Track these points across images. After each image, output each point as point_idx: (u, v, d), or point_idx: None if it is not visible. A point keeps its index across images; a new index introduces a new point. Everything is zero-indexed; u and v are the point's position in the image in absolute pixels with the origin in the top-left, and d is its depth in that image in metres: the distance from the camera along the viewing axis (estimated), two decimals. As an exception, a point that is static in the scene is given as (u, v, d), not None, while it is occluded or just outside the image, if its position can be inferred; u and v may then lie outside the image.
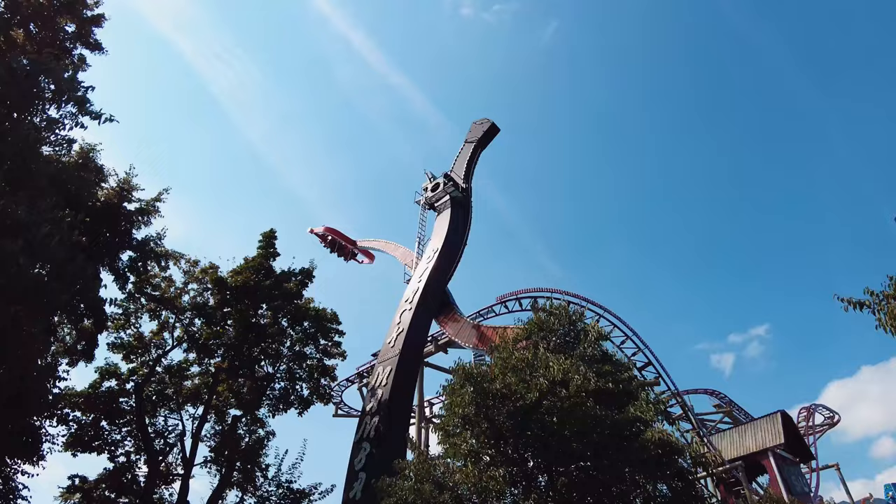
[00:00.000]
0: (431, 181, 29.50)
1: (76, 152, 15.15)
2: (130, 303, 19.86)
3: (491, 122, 30.42)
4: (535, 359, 12.16)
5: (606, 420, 10.96)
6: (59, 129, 11.23)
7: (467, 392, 11.44)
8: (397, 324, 22.00)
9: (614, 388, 12.03)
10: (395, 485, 11.46)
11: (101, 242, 16.09)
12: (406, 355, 20.38)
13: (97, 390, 18.90)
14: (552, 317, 15.14)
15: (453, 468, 11.41)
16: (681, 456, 11.67)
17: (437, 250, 24.51)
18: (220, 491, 19.11)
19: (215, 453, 19.71)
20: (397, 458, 12.77)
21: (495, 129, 30.30)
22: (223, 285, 20.81)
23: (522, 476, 11.18)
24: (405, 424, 19.84)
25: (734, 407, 46.75)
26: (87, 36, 14.91)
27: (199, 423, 19.76)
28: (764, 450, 34.29)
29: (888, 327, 8.60)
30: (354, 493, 16.92)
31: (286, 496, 19.41)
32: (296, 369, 21.26)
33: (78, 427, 18.20)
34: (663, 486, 11.48)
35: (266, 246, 22.34)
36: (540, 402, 11.04)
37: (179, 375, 20.71)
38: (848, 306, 9.06)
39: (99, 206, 15.83)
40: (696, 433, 36.34)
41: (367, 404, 19.76)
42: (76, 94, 11.08)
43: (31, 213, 9.04)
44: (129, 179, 16.85)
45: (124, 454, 19.01)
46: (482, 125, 30.70)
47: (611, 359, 14.03)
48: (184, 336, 20.63)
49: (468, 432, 11.38)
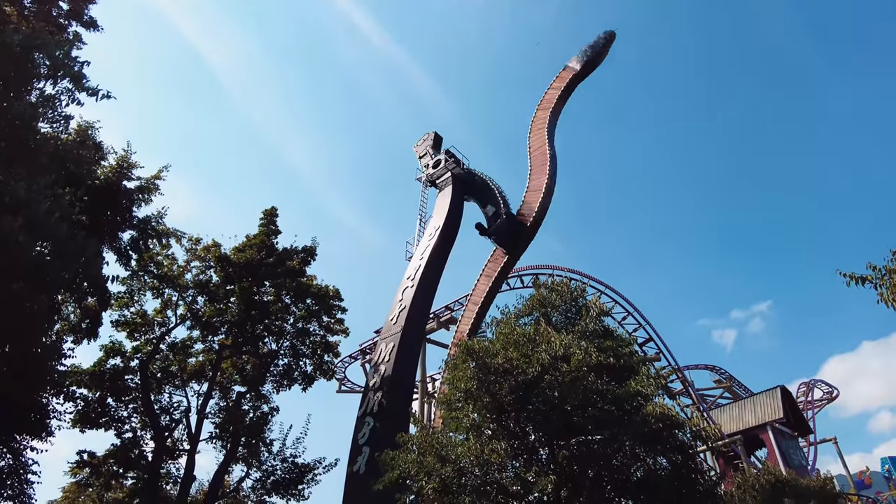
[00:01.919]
0: (433, 157, 29.27)
1: (74, 129, 14.99)
2: (133, 281, 19.93)
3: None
4: (536, 334, 12.21)
5: (607, 394, 11.03)
6: (56, 106, 11.10)
7: (469, 367, 11.52)
8: (399, 301, 22.05)
9: (615, 363, 12.09)
10: (399, 458, 11.60)
11: (102, 221, 16.03)
12: (408, 332, 20.45)
13: (103, 367, 19.09)
14: (554, 293, 15.15)
15: (455, 441, 11.55)
16: (681, 430, 11.78)
17: (438, 228, 24.43)
18: (225, 465, 19.44)
19: (220, 429, 19.98)
20: (400, 433, 12.90)
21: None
22: (226, 263, 20.84)
23: (524, 449, 11.31)
24: (408, 399, 19.99)
25: (734, 382, 47.20)
26: (81, 13, 14.64)
27: (204, 400, 20.00)
28: (763, 424, 34.72)
29: (890, 301, 8.59)
30: (358, 467, 17.16)
31: (290, 470, 19.75)
32: (299, 346, 21.40)
33: (85, 404, 18.42)
34: (663, 459, 11.61)
35: (268, 223, 22.30)
36: (541, 376, 11.11)
37: (184, 353, 20.89)
38: (850, 281, 9.03)
39: (99, 184, 15.72)
40: (697, 408, 36.75)
41: (371, 380, 19.92)
42: (72, 70, 10.92)
43: (30, 191, 9.00)
44: (128, 157, 16.73)
45: (131, 430, 19.30)
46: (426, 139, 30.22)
47: (612, 334, 14.06)
48: (187, 314, 20.75)
49: (470, 406, 11.49)
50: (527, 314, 15.05)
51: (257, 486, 19.78)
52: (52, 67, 10.98)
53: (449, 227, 24.82)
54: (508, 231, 25.14)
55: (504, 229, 25.12)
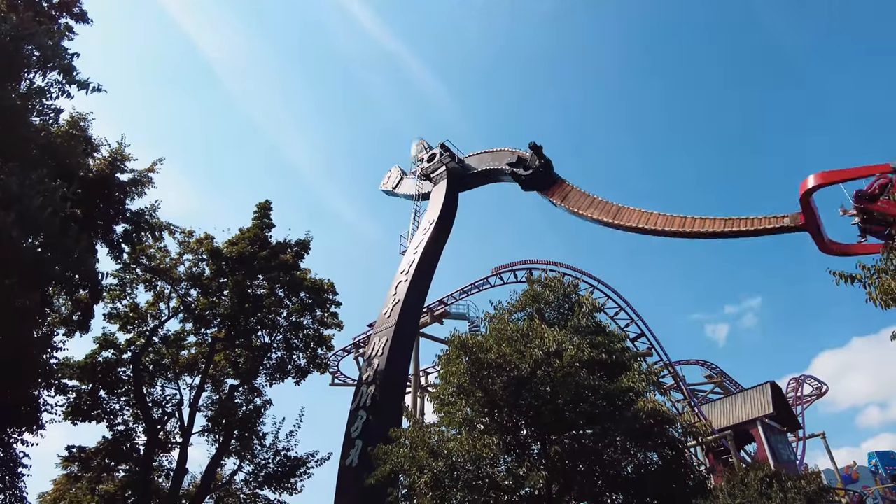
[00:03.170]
0: (427, 151, 29.22)
1: (66, 121, 14.87)
2: (126, 273, 19.83)
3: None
4: (529, 329, 12.28)
5: (599, 390, 11.12)
6: (46, 99, 10.98)
7: (462, 362, 11.57)
8: (393, 295, 22.06)
9: (607, 359, 12.20)
10: (391, 452, 11.65)
11: (95, 214, 15.93)
12: (402, 326, 20.48)
13: (95, 360, 19.01)
14: (547, 289, 15.23)
15: (448, 436, 11.61)
16: (672, 425, 11.91)
17: (433, 221, 24.43)
18: (218, 458, 19.44)
19: (213, 422, 19.95)
20: (393, 426, 12.95)
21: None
22: (219, 256, 20.76)
23: (516, 444, 11.39)
24: (401, 393, 20.04)
25: (725, 377, 47.58)
26: (71, 5, 14.52)
27: (197, 393, 19.97)
28: (753, 419, 35.07)
29: (878, 301, 8.70)
30: (351, 460, 17.22)
31: (283, 463, 19.77)
32: (293, 339, 21.38)
33: (77, 396, 18.35)
34: (654, 454, 11.74)
35: (261, 216, 22.24)
36: (534, 372, 11.18)
37: (176, 345, 20.81)
38: (840, 280, 9.15)
39: (91, 177, 15.60)
40: (688, 403, 37.03)
41: (364, 373, 19.95)
42: (62, 62, 10.80)
43: (22, 185, 8.92)
44: (121, 149, 16.60)
45: (123, 423, 19.24)
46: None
47: (604, 330, 14.17)
48: (180, 306, 20.68)
49: (463, 401, 11.55)
50: (520, 310, 15.14)
51: (250, 479, 19.78)
52: (42, 58, 10.87)
53: (443, 221, 24.83)
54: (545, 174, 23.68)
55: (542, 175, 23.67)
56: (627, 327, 37.66)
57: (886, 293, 8.54)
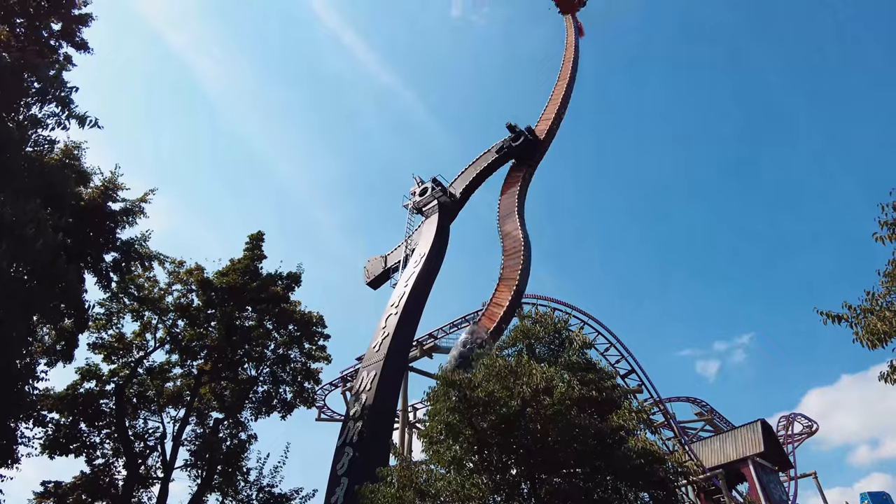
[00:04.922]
0: (420, 185, 29.56)
1: (60, 150, 14.95)
2: (113, 303, 19.63)
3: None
4: (518, 366, 12.22)
5: (590, 428, 11.03)
6: (42, 129, 11.07)
7: (450, 399, 11.45)
8: (383, 328, 21.96)
9: (598, 397, 12.12)
10: (378, 491, 11.42)
11: (85, 242, 15.86)
12: (391, 360, 20.32)
13: (76, 391, 18.62)
14: (538, 325, 15.22)
15: (436, 475, 11.41)
16: (662, 465, 11.78)
17: (423, 255, 24.54)
18: (200, 495, 18.91)
19: (196, 456, 19.51)
20: (380, 464, 12.73)
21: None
22: (208, 286, 20.64)
23: (505, 483, 11.20)
24: (389, 430, 19.77)
25: (715, 415, 47.26)
26: (73, 34, 14.71)
27: (181, 426, 19.57)
28: (744, 458, 34.71)
29: (864, 341, 8.79)
30: (336, 499, 16.83)
31: (267, 500, 19.26)
32: (279, 372, 21.12)
33: (56, 429, 17.90)
34: (645, 494, 11.59)
35: (253, 248, 22.21)
36: (523, 409, 11.09)
37: (161, 377, 20.50)
38: (827, 319, 9.26)
39: (83, 206, 15.61)
40: (678, 441, 36.70)
41: (351, 409, 19.67)
42: (60, 95, 10.92)
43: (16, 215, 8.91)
44: (114, 179, 16.66)
45: (103, 457, 18.75)
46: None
47: (595, 367, 14.11)
48: (166, 337, 20.45)
49: (451, 439, 11.39)
50: (510, 345, 15.08)
51: (232, 516, 19.23)
52: (41, 90, 10.99)
53: (434, 255, 24.94)
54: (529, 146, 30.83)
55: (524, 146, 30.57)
56: (618, 363, 37.59)
57: (872, 333, 8.65)
